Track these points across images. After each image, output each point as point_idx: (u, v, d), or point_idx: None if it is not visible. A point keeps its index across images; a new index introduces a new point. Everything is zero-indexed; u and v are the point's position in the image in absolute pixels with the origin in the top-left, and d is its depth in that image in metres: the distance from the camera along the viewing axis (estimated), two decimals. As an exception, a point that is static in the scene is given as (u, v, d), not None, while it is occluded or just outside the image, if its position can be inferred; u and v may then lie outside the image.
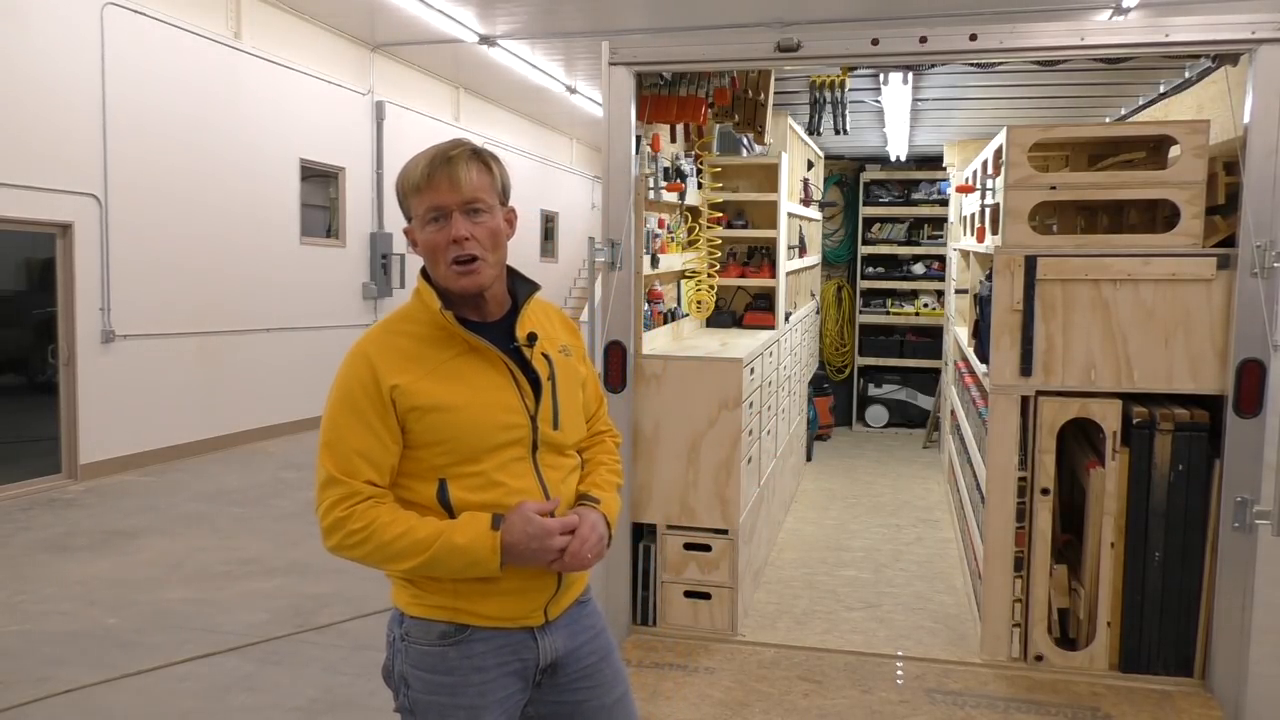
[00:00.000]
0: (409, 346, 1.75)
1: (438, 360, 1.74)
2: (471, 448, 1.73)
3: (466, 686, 1.76)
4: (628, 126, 3.95)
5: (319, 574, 5.32)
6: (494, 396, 1.75)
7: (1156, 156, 4.24)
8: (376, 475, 1.71)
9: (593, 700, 1.89)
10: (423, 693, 1.77)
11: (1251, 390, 3.43)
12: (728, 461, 4.09)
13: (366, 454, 1.70)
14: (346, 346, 1.85)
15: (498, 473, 1.74)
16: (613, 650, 1.96)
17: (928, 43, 3.60)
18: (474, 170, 1.73)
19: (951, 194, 7.88)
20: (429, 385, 1.71)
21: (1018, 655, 3.84)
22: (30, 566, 5.42)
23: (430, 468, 1.74)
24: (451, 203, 1.71)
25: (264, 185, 9.45)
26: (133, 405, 7.97)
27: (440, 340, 1.76)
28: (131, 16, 7.82)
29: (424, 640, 1.78)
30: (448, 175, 1.71)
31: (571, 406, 1.88)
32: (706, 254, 5.20)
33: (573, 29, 10.09)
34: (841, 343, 9.83)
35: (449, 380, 1.73)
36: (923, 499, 6.82)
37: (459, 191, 1.71)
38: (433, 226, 1.73)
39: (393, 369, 1.71)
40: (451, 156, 1.72)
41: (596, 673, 1.90)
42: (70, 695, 3.79)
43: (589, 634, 1.91)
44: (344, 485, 1.68)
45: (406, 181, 1.75)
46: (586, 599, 1.95)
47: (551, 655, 1.84)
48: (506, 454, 1.76)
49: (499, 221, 1.77)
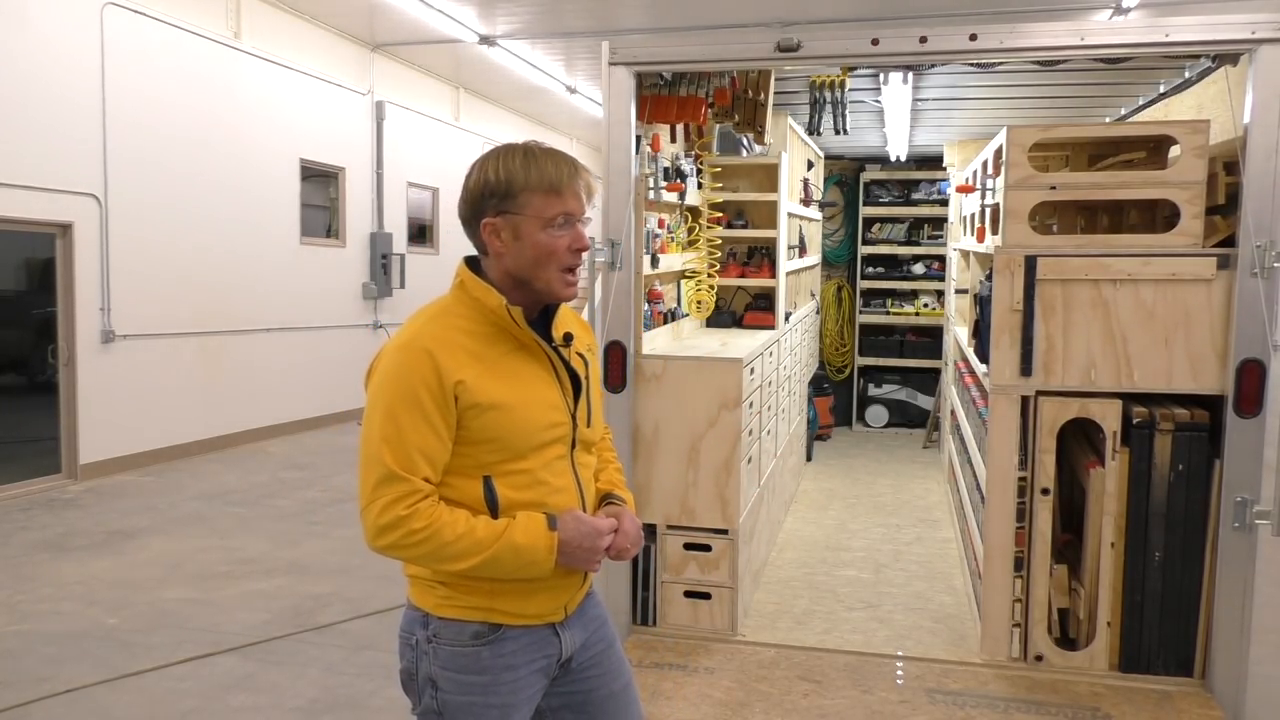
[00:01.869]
0: (467, 343, 1.73)
1: (494, 357, 1.75)
2: (520, 445, 1.75)
3: (499, 685, 1.78)
4: (628, 126, 3.95)
5: (319, 574, 5.32)
6: (542, 395, 1.79)
7: (1156, 156, 4.24)
8: (432, 473, 1.70)
9: (600, 689, 1.93)
10: (454, 693, 1.78)
11: (1251, 390, 3.43)
12: (728, 461, 4.09)
13: (426, 451, 1.68)
14: (347, 346, 1.85)
15: (542, 471, 1.77)
16: (616, 640, 2.01)
17: (928, 43, 3.60)
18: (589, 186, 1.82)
19: (951, 194, 7.88)
20: (488, 383, 1.71)
21: (1018, 655, 3.84)
22: (30, 566, 5.42)
23: (476, 465, 1.74)
24: (578, 212, 1.77)
25: (264, 185, 9.45)
26: (133, 405, 7.97)
27: (491, 337, 1.76)
28: (131, 16, 7.82)
29: (455, 641, 1.78)
30: (585, 185, 1.77)
31: (598, 405, 1.95)
32: (706, 254, 5.20)
33: (573, 29, 10.09)
34: (841, 343, 9.83)
35: (503, 378, 1.74)
36: (923, 499, 6.82)
37: (584, 204, 1.78)
38: (561, 230, 1.75)
39: (457, 365, 1.69)
40: (579, 168, 1.78)
41: (604, 660, 1.94)
42: (70, 695, 3.79)
43: (597, 623, 1.96)
44: (406, 483, 1.65)
45: (542, 179, 1.73)
46: (592, 590, 2.00)
47: (571, 649, 1.88)
48: (550, 452, 1.79)
49: None
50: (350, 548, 5.84)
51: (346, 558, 5.64)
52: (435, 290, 1.92)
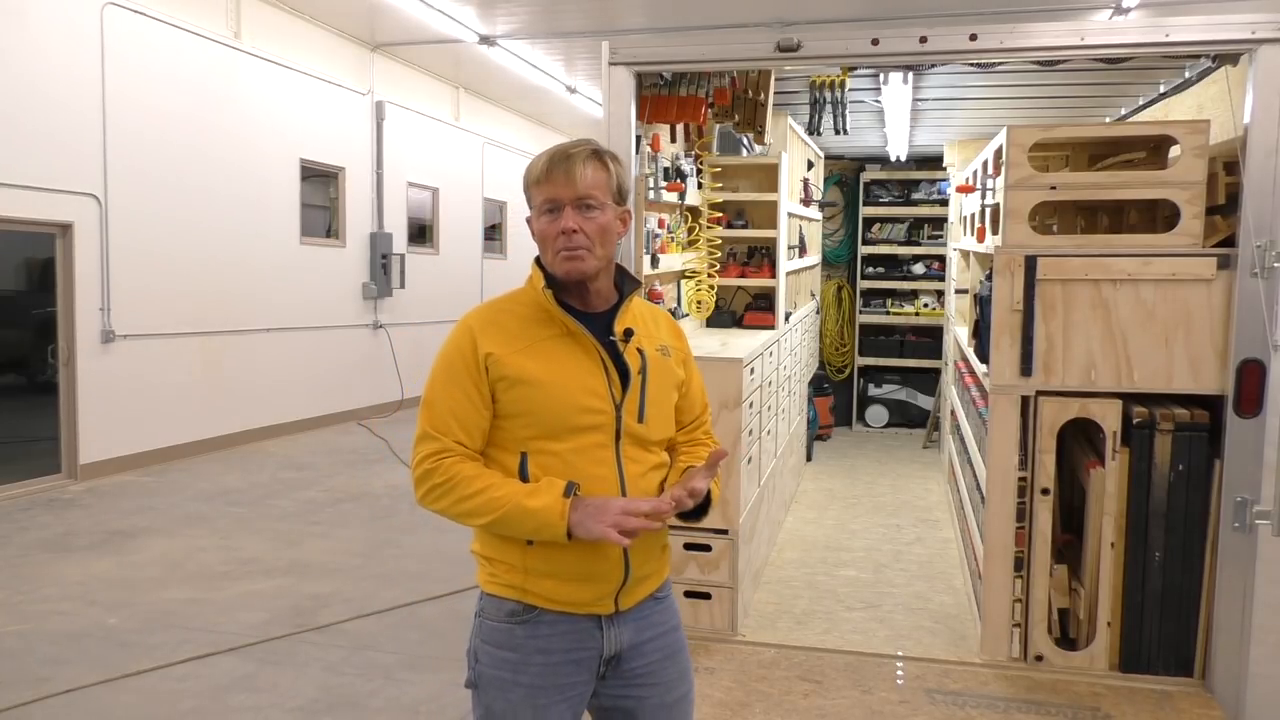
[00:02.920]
0: (510, 322, 1.86)
1: (535, 338, 1.84)
2: (553, 424, 1.81)
3: (529, 666, 1.83)
4: (628, 126, 3.94)
5: (319, 574, 5.32)
6: (580, 379, 1.83)
7: (1156, 156, 4.24)
8: (466, 437, 1.82)
9: (654, 698, 1.92)
10: (488, 667, 1.87)
11: (1251, 390, 3.43)
12: (728, 461, 4.08)
13: (459, 416, 1.82)
14: (347, 346, 1.88)
15: (575, 456, 1.81)
16: (681, 650, 1.99)
17: (928, 43, 3.60)
18: (590, 168, 1.83)
19: (951, 194, 7.88)
20: (520, 359, 1.82)
21: (1018, 655, 3.84)
22: (30, 566, 5.42)
23: (514, 439, 1.84)
24: (565, 197, 1.81)
25: (264, 185, 9.45)
26: (133, 405, 7.96)
27: (541, 320, 1.86)
28: (131, 16, 7.82)
29: (495, 617, 1.87)
30: (565, 171, 1.81)
31: (661, 403, 1.93)
32: (706, 254, 5.20)
33: (573, 29, 10.08)
34: (841, 343, 9.83)
35: (540, 358, 1.83)
36: (923, 499, 6.82)
37: (573, 187, 1.81)
38: (547, 217, 1.84)
39: (490, 339, 1.83)
40: (571, 154, 1.83)
41: (661, 670, 1.93)
42: (70, 695, 3.79)
43: (657, 630, 1.94)
44: (436, 441, 1.81)
45: (529, 174, 1.87)
46: (663, 595, 1.99)
47: (616, 646, 1.88)
48: (587, 438, 1.82)
49: (610, 219, 1.85)
50: (350, 548, 5.84)
51: (346, 558, 5.64)
52: (435, 290, 1.94)
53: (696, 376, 2.10)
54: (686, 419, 2.05)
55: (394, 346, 11.31)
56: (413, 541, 5.95)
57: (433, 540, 5.90)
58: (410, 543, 5.94)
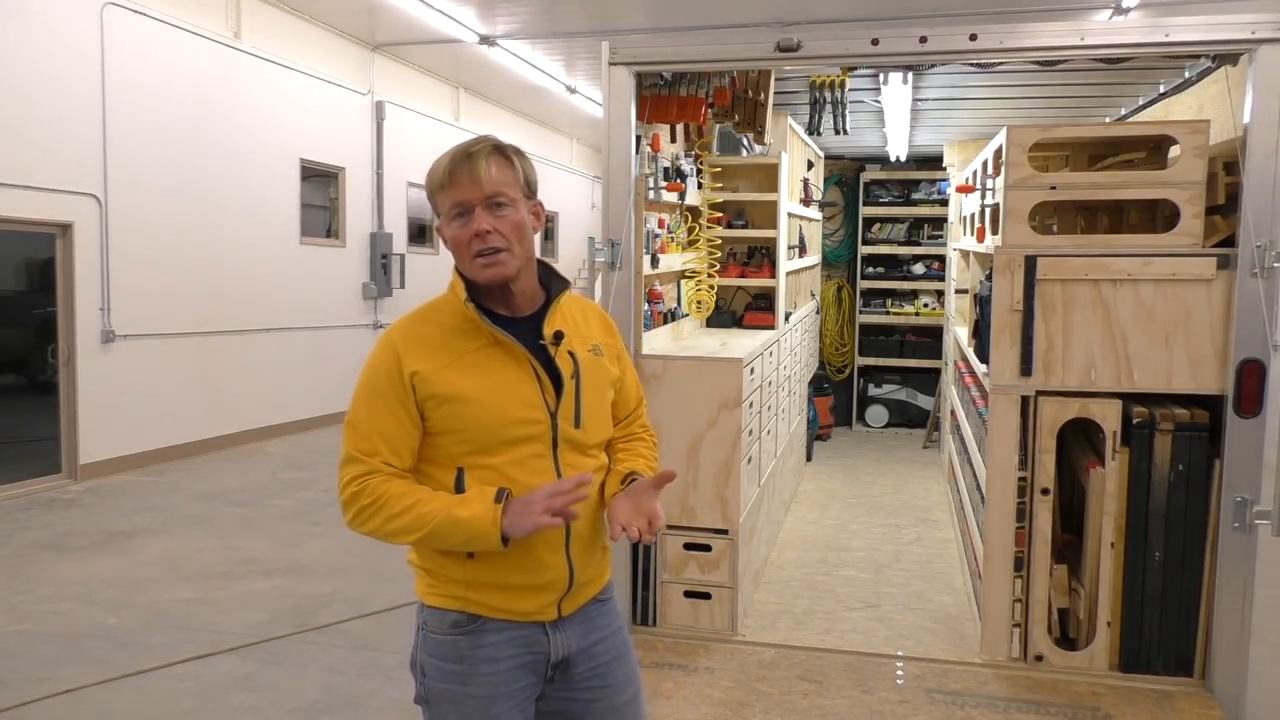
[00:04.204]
0: (435, 336, 1.79)
1: (461, 351, 1.78)
2: (486, 439, 1.75)
3: (477, 676, 1.79)
4: (628, 126, 3.95)
5: (319, 574, 5.32)
6: (513, 390, 1.77)
7: (1156, 156, 4.24)
8: (394, 457, 1.77)
9: (602, 700, 1.89)
10: (437, 681, 1.82)
11: (1251, 390, 3.43)
12: (728, 461, 4.09)
13: (386, 435, 1.76)
14: (346, 346, 1.87)
15: (512, 468, 1.76)
16: (628, 651, 1.96)
17: (928, 43, 3.60)
18: (494, 165, 1.76)
19: (951, 194, 7.88)
20: (449, 375, 1.75)
21: (1018, 655, 3.84)
22: (30, 566, 5.42)
23: (449, 455, 1.78)
24: (474, 198, 1.74)
25: (264, 185, 9.45)
26: (133, 405, 7.96)
27: (467, 331, 1.79)
28: (131, 16, 7.82)
29: (439, 629, 1.82)
30: (469, 171, 1.74)
31: (597, 406, 1.88)
32: (706, 254, 5.20)
33: (573, 29, 10.09)
34: (841, 343, 9.83)
35: (469, 371, 1.76)
36: (923, 499, 6.82)
37: (480, 187, 1.74)
38: (457, 222, 1.76)
39: (415, 356, 1.76)
40: (472, 153, 1.75)
41: (609, 673, 1.90)
42: (70, 695, 3.78)
43: (604, 632, 1.91)
44: (362, 463, 1.77)
45: (432, 179, 1.79)
46: (606, 597, 1.96)
47: (563, 651, 1.84)
48: (524, 449, 1.77)
49: (523, 215, 1.78)
50: (350, 548, 5.84)
51: (346, 558, 5.64)
52: (435, 290, 1.92)
53: (630, 370, 2.03)
54: (622, 414, 2.00)
55: (394, 346, 11.29)
56: (413, 541, 5.95)
57: (433, 540, 5.89)
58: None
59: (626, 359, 2.01)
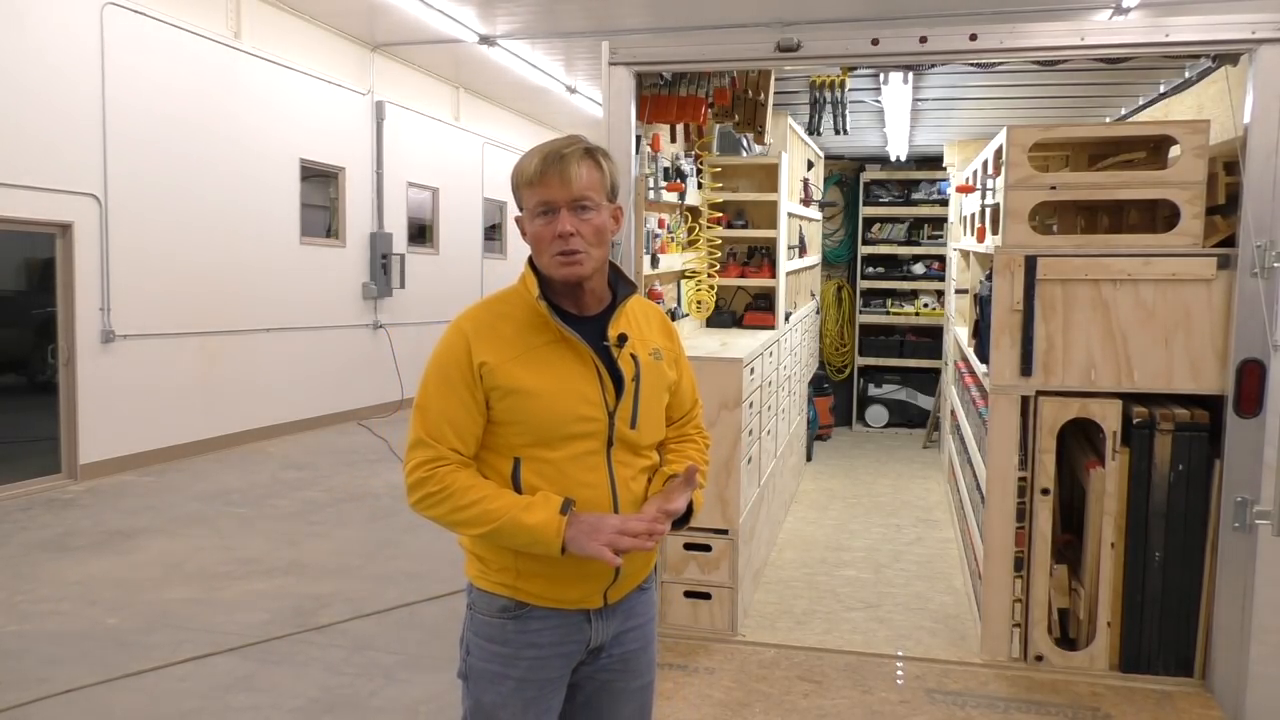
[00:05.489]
0: (504, 327, 1.83)
1: (529, 345, 1.82)
2: (546, 433, 1.80)
3: (519, 660, 1.86)
4: (628, 126, 3.94)
5: (319, 574, 5.32)
6: (575, 387, 1.81)
7: (1156, 156, 4.24)
8: (461, 444, 1.81)
9: (619, 682, 1.96)
10: (479, 660, 1.90)
11: (1251, 390, 3.43)
12: (728, 461, 4.09)
13: (453, 422, 1.80)
14: (346, 346, 1.87)
15: (568, 464, 1.81)
16: (653, 640, 2.03)
17: (928, 43, 3.60)
18: (585, 168, 1.79)
19: (951, 194, 7.89)
20: (515, 368, 1.79)
21: (1018, 655, 3.84)
22: (30, 566, 5.42)
23: (507, 445, 1.83)
24: (560, 199, 1.77)
25: (264, 185, 9.45)
26: (133, 405, 7.96)
27: (535, 325, 1.83)
28: (131, 16, 7.82)
29: (486, 612, 1.89)
30: (559, 172, 1.77)
31: (653, 408, 1.93)
32: (706, 254, 5.20)
33: (573, 29, 10.08)
34: (841, 343, 9.83)
35: (535, 366, 1.80)
36: (923, 499, 6.82)
37: (569, 189, 1.77)
38: (541, 220, 1.80)
39: (484, 346, 1.80)
40: (565, 154, 1.78)
41: (633, 658, 1.97)
42: (70, 695, 3.78)
43: (639, 620, 1.97)
44: (430, 448, 1.79)
45: (520, 175, 1.82)
46: (648, 585, 2.01)
47: (602, 638, 1.91)
48: (580, 445, 1.82)
49: (605, 218, 1.82)
50: (350, 548, 5.84)
51: (346, 558, 5.64)
52: (435, 290, 1.93)
53: (687, 373, 2.08)
54: (676, 415, 2.06)
55: (394, 346, 11.30)
56: (413, 541, 5.95)
57: (432, 540, 5.89)
58: (410, 543, 5.93)
59: (685, 363, 2.07)
